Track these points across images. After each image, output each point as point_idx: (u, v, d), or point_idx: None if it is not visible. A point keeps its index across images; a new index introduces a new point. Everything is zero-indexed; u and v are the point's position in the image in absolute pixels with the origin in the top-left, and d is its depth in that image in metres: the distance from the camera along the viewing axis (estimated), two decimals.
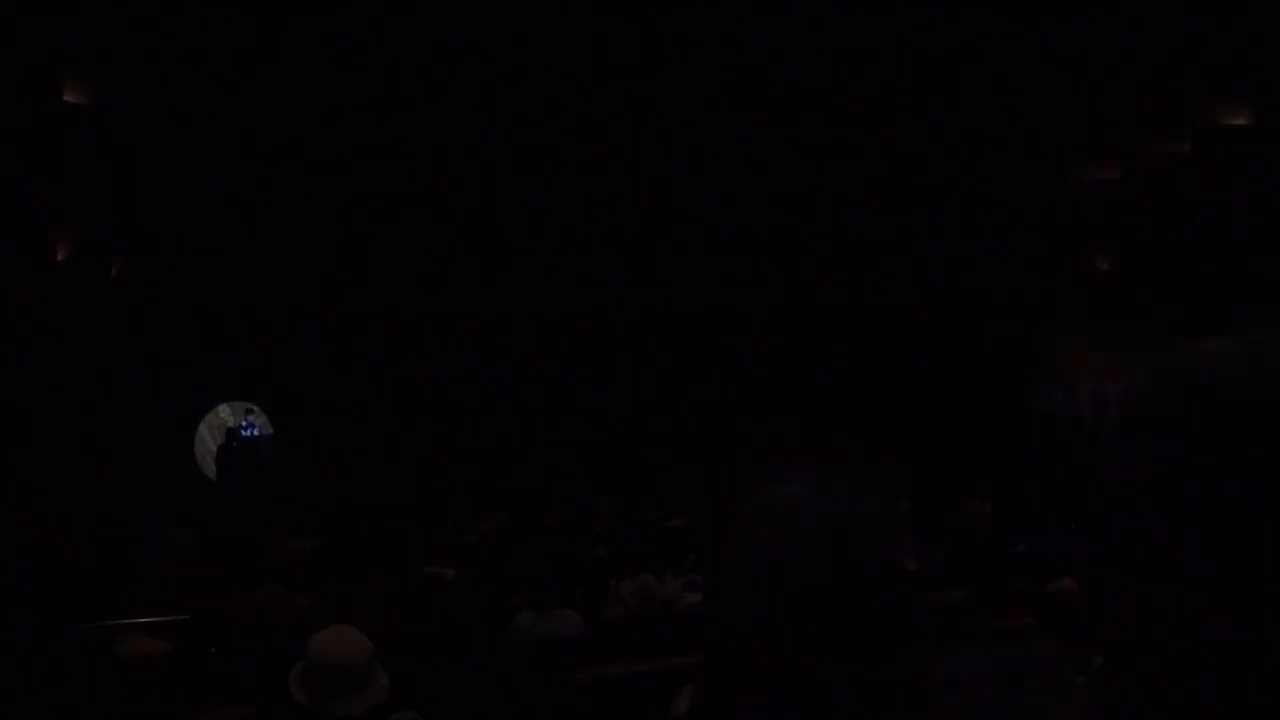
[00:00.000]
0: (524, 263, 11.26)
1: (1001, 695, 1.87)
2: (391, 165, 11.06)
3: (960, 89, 10.20)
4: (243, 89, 10.68)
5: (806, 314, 10.82)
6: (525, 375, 11.61)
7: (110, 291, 11.47)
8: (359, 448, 11.80)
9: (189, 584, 5.10)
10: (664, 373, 11.27)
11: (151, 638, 4.10)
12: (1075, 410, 11.43)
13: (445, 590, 5.04)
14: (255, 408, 12.91)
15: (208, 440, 12.83)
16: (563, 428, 11.41)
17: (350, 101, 10.73)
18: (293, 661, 3.26)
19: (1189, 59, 9.40)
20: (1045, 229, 11.39)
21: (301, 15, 10.06)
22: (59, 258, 11.02)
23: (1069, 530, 5.73)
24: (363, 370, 12.09)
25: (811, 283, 10.83)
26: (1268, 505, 1.62)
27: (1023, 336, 11.93)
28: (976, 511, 5.82)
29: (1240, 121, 9.72)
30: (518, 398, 11.76)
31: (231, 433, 12.57)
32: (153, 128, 10.75)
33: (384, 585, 4.97)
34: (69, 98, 10.16)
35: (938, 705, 1.85)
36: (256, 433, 12.85)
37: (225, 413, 12.97)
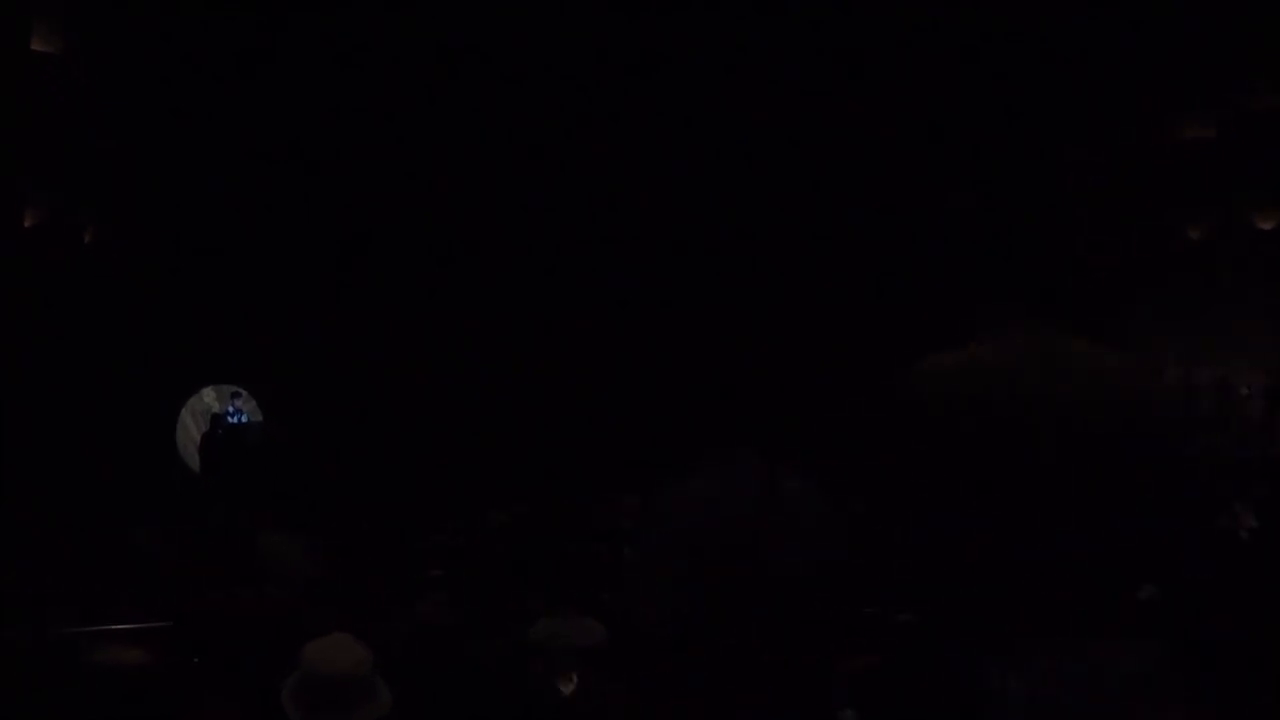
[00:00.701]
0: (524, 263, 11.99)
1: (1090, 707, 1.87)
2: (391, 164, 11.70)
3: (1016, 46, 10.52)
4: (220, 51, 10.99)
5: (833, 304, 11.27)
6: (537, 369, 12.03)
7: (82, 261, 11.62)
8: (355, 439, 11.91)
9: (177, 587, 5.18)
10: (674, 368, 11.67)
11: (131, 646, 4.16)
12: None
13: (453, 594, 5.10)
14: (243, 392, 13.04)
15: (191, 428, 12.99)
16: (583, 424, 11.73)
17: (346, 91, 11.34)
18: (286, 672, 3.32)
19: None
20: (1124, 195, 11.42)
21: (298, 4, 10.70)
22: (26, 224, 11.17)
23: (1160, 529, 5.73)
24: (356, 354, 12.19)
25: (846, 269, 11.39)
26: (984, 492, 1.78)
27: (1107, 314, 11.91)
28: None
29: None
30: (529, 393, 11.99)
31: (217, 419, 12.71)
32: (126, 81, 10.92)
33: (386, 588, 5.03)
34: (37, 46, 10.27)
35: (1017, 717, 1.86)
36: (244, 419, 12.99)
37: (210, 397, 13.12)
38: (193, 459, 12.77)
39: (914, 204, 10.81)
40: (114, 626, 4.69)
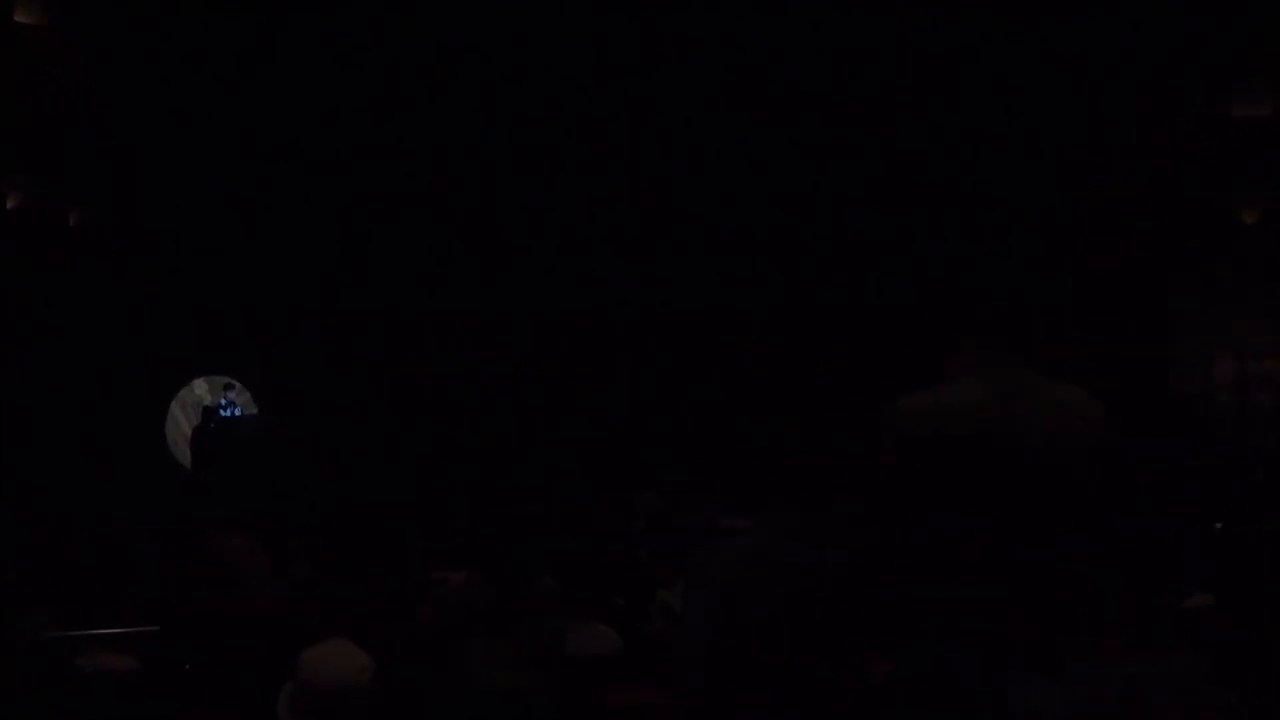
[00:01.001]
0: (524, 262, 12.52)
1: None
2: (387, 151, 12.07)
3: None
4: (208, 40, 11.20)
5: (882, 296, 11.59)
6: (541, 362, 12.20)
7: (68, 246, 11.65)
8: (354, 434, 11.91)
9: (161, 588, 5.21)
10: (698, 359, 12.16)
11: (119, 652, 4.18)
12: (1216, 392, 11.32)
13: (459, 597, 5.09)
14: (236, 383, 13.05)
15: (181, 422, 13.02)
16: (594, 415, 11.86)
17: (341, 80, 11.66)
18: (281, 680, 3.32)
19: None
20: (1185, 179, 11.41)
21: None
22: (9, 205, 11.22)
23: (1211, 533, 5.70)
24: (356, 344, 12.18)
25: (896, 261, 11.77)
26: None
27: (1157, 305, 11.85)
28: None
29: None
30: (533, 387, 12.16)
31: (209, 412, 12.73)
32: (115, 68, 11.03)
33: (388, 591, 5.03)
34: (21, 18, 10.28)
35: None
36: (237, 413, 13.01)
37: (201, 389, 13.14)
38: (183, 454, 12.81)
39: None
40: (102, 631, 4.70)
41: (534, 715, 3.55)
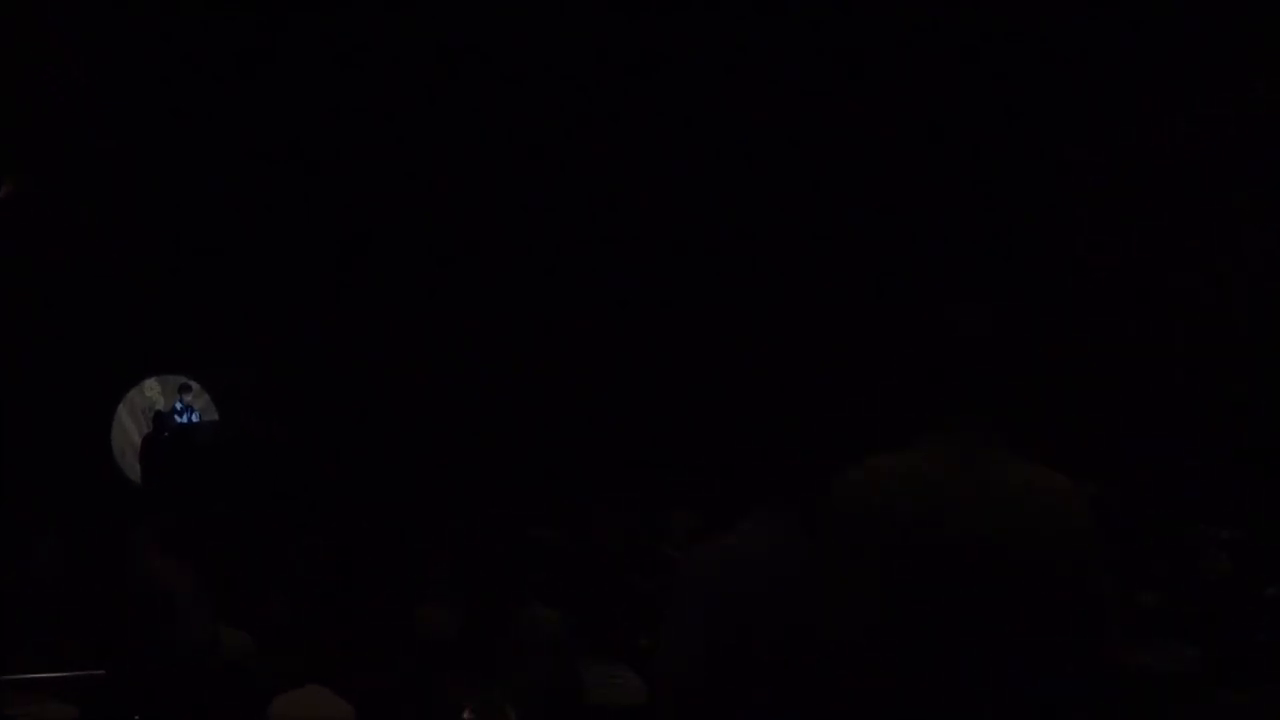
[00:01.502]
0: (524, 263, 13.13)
1: None
2: (386, 160, 12.60)
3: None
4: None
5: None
6: (538, 364, 12.50)
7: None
8: (327, 440, 11.85)
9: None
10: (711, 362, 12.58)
11: (58, 700, 4.08)
12: None
13: (425, 631, 4.99)
14: (193, 385, 12.98)
15: (130, 429, 12.96)
16: (614, 426, 12.06)
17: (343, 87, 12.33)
18: None
19: None
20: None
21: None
22: None
23: None
24: (329, 339, 12.22)
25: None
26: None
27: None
28: (1209, 542, 5.70)
29: None
30: (533, 391, 12.38)
31: (162, 418, 12.64)
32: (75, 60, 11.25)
33: (374, 630, 4.95)
34: None
35: None
36: (194, 418, 12.92)
37: (153, 391, 13.08)
38: (132, 467, 12.73)
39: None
40: (38, 675, 4.63)
41: None
